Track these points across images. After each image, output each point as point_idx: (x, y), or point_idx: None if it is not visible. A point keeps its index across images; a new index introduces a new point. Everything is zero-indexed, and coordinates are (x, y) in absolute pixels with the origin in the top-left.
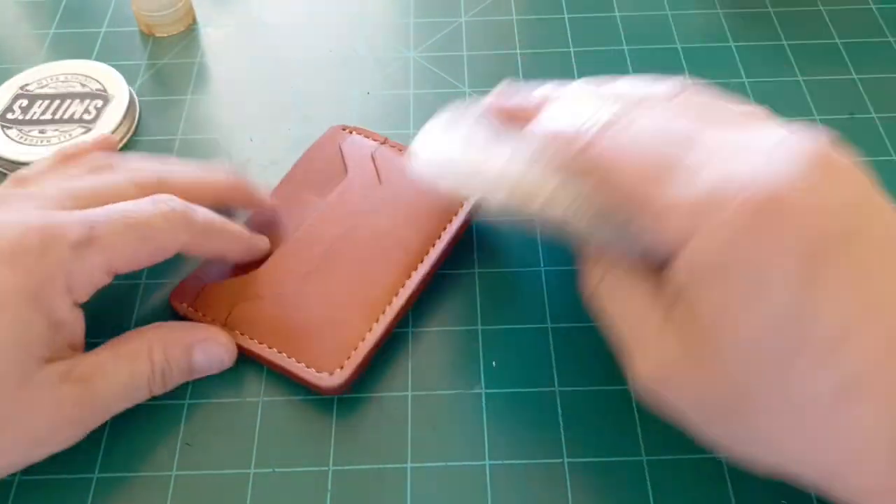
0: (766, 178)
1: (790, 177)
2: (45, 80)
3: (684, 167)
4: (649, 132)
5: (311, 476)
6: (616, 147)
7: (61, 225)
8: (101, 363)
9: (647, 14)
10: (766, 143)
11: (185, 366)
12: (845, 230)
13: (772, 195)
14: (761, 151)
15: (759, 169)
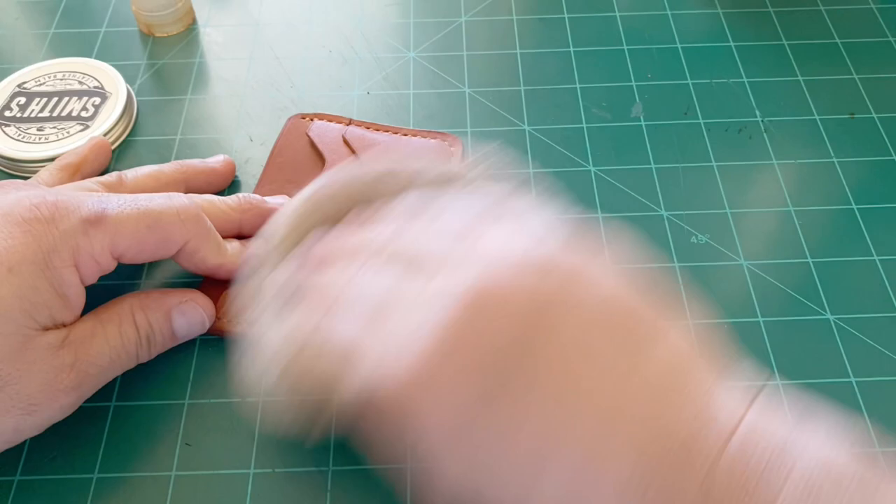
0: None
1: (433, 347)
2: (42, 78)
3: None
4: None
5: (311, 476)
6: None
7: (75, 201)
8: (91, 328)
9: (647, 14)
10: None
11: (167, 329)
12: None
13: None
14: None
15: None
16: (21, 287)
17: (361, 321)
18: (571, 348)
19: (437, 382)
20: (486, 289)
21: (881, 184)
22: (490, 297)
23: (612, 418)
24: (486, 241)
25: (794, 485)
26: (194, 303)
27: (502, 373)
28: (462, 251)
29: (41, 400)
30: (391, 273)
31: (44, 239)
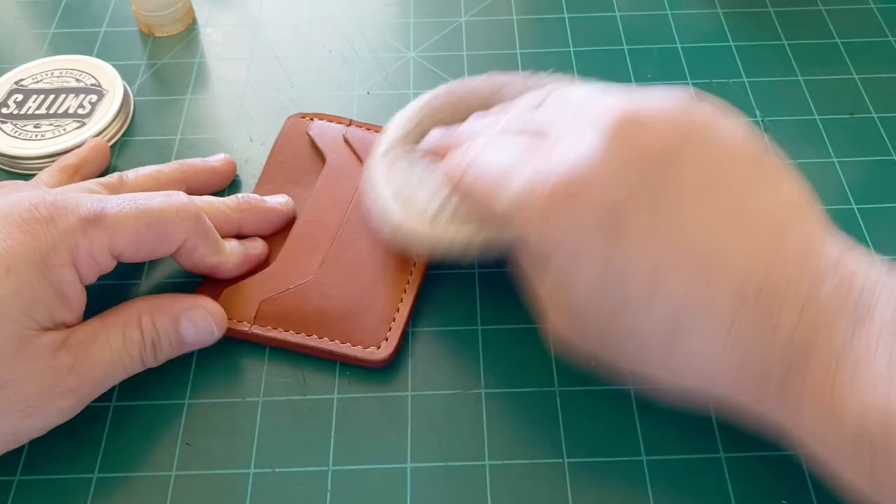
0: (563, 165)
1: (584, 157)
2: (39, 76)
3: (515, 175)
4: (492, 159)
5: (311, 476)
6: (472, 176)
7: (74, 201)
8: (93, 331)
9: (647, 14)
10: (583, 131)
11: (175, 335)
12: (633, 190)
13: (565, 180)
14: (575, 140)
15: (562, 158)
16: (20, 286)
17: (505, 159)
18: (704, 178)
19: (578, 198)
20: (632, 115)
21: (881, 184)
22: (635, 123)
23: (726, 245)
24: (622, 95)
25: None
26: (203, 309)
27: (636, 192)
28: (601, 104)
29: (39, 402)
30: (529, 134)
31: (42, 238)
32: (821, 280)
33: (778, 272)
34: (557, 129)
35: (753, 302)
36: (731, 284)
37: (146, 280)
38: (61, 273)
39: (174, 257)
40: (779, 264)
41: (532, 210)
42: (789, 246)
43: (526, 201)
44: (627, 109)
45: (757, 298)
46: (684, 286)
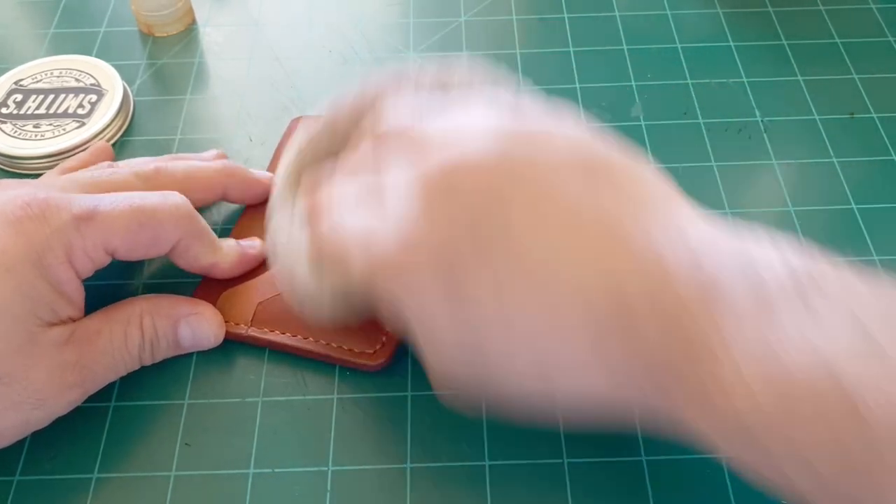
0: (392, 232)
1: (407, 223)
2: (39, 76)
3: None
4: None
5: (311, 476)
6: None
7: (66, 199)
8: (97, 326)
9: (647, 14)
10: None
11: (172, 338)
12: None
13: (395, 250)
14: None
15: (389, 225)
16: (20, 285)
17: (345, 217)
18: (534, 206)
19: (411, 262)
20: (447, 168)
21: (881, 184)
22: (451, 174)
23: (566, 268)
24: (451, 120)
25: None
26: (202, 316)
27: (467, 244)
28: (430, 136)
29: (48, 395)
30: (368, 176)
31: (36, 237)
32: (675, 274)
33: (628, 280)
34: (389, 175)
35: (608, 316)
36: (579, 305)
37: (146, 280)
38: (58, 271)
39: (169, 256)
40: (627, 271)
41: (372, 276)
42: (636, 247)
43: (364, 268)
44: (446, 158)
45: (611, 311)
46: (534, 319)
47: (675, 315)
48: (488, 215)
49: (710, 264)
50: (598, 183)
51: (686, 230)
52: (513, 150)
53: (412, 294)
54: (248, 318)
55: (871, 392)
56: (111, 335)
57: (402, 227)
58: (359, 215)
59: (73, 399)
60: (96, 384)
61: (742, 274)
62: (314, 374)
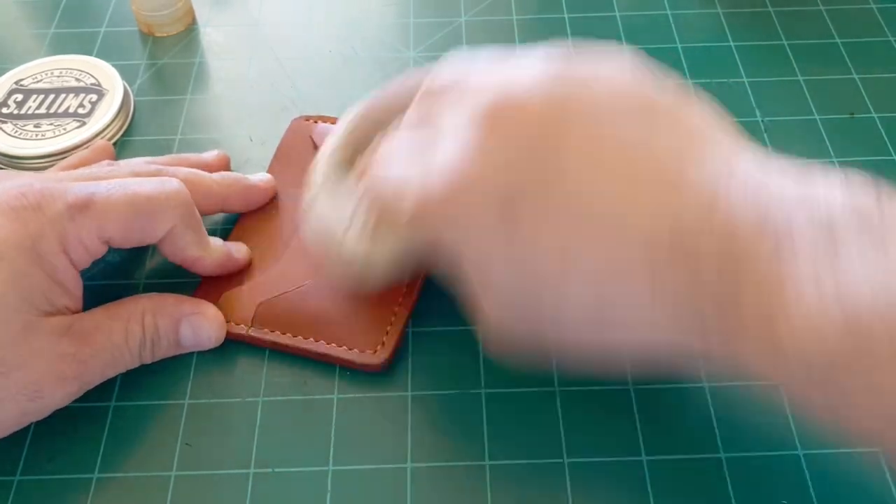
0: (448, 165)
1: (464, 153)
2: (39, 76)
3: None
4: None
5: (311, 476)
6: (375, 192)
7: (61, 188)
8: (98, 321)
9: (647, 14)
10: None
11: (173, 337)
12: (519, 175)
13: (451, 181)
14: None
15: (445, 157)
16: (14, 274)
17: (402, 165)
18: (590, 142)
19: (468, 197)
20: (503, 98)
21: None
22: (508, 106)
23: (624, 205)
24: (501, 70)
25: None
26: (204, 316)
27: (523, 177)
28: (480, 82)
29: (45, 386)
30: (422, 128)
31: (31, 226)
32: (733, 210)
33: (685, 216)
34: (442, 121)
35: (667, 254)
36: (638, 244)
37: (147, 279)
38: (53, 260)
39: (158, 245)
40: (684, 207)
41: (429, 217)
42: (692, 184)
43: (421, 209)
44: (498, 93)
45: (670, 250)
46: (593, 258)
47: (734, 252)
48: (544, 150)
49: (770, 198)
50: (650, 120)
51: (743, 166)
52: (564, 88)
53: (467, 233)
54: (248, 318)
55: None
56: (111, 331)
57: (456, 163)
58: (413, 162)
59: (70, 392)
60: (94, 379)
61: (804, 208)
62: (314, 374)
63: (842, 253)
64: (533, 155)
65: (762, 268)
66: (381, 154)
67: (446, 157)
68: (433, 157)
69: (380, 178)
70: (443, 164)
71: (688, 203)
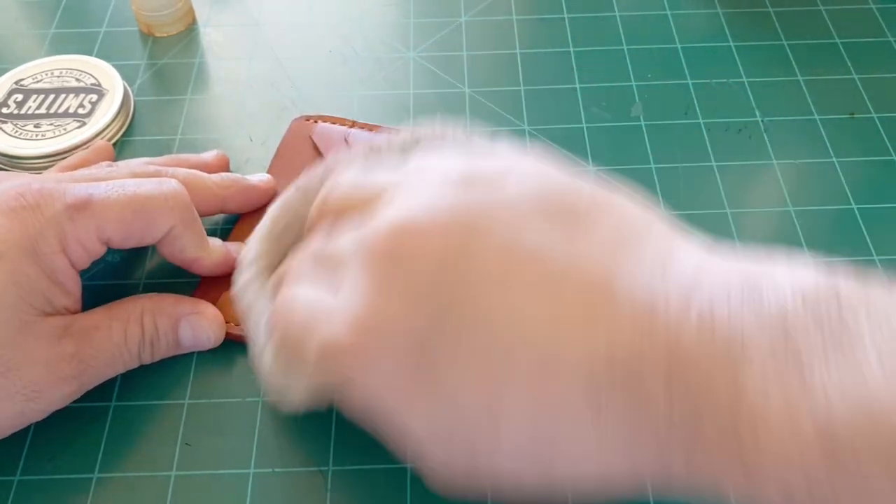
0: (350, 312)
1: (363, 300)
2: (39, 76)
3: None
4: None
5: (310, 476)
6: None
7: (60, 189)
8: (97, 321)
9: (647, 14)
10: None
11: (172, 337)
12: (426, 317)
13: (355, 331)
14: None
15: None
16: (13, 273)
17: (308, 294)
18: (500, 264)
19: (376, 344)
20: (398, 237)
21: (881, 184)
22: (403, 244)
23: (552, 336)
24: (401, 171)
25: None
26: (203, 316)
27: (432, 317)
28: (376, 190)
29: (43, 387)
30: (325, 254)
31: (30, 226)
32: (675, 322)
33: (621, 336)
34: (342, 252)
35: (607, 381)
36: (572, 374)
37: (147, 279)
38: (52, 260)
39: (157, 246)
40: (619, 325)
41: (337, 362)
42: (625, 295)
43: (328, 353)
44: (394, 226)
45: (609, 376)
46: (523, 398)
47: (682, 372)
48: (451, 284)
49: (714, 303)
50: (569, 225)
51: (680, 264)
52: (466, 199)
53: (379, 382)
54: None
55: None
56: (111, 331)
57: (353, 305)
58: (312, 286)
59: (69, 392)
60: (93, 379)
61: (752, 314)
62: None
63: (805, 359)
64: (439, 290)
65: (718, 387)
66: (287, 279)
67: (347, 303)
68: (332, 284)
69: (285, 309)
70: (345, 311)
71: (622, 318)
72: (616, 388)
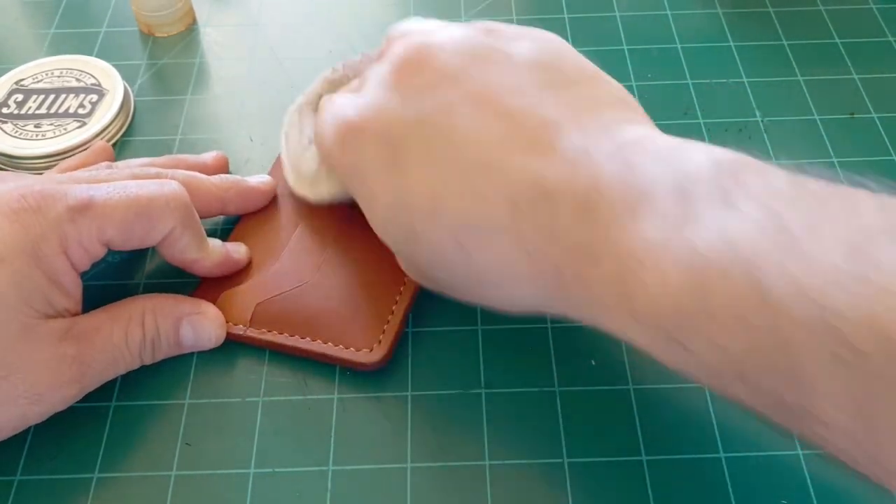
0: (358, 104)
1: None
2: (40, 76)
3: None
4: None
5: (311, 476)
6: (319, 127)
7: (61, 191)
8: (98, 323)
9: (647, 14)
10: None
11: (174, 338)
12: (412, 121)
13: (353, 117)
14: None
15: (360, 99)
16: (14, 275)
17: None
18: (482, 93)
19: (370, 126)
20: (416, 48)
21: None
22: (419, 55)
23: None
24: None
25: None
26: (205, 316)
27: (413, 123)
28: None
29: (45, 389)
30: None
31: (32, 228)
32: (599, 168)
33: (551, 171)
34: (368, 79)
35: (528, 208)
36: (503, 194)
37: (147, 280)
38: (54, 262)
39: (157, 247)
40: (552, 164)
41: (331, 147)
42: (564, 145)
43: (328, 140)
44: (407, 50)
45: (532, 204)
46: (460, 203)
47: (590, 206)
48: (440, 101)
49: (637, 161)
50: (552, 81)
51: (621, 131)
52: (483, 40)
53: (357, 164)
54: (246, 318)
55: (780, 278)
56: (112, 332)
57: (367, 95)
58: (344, 96)
59: (70, 395)
60: (94, 381)
61: (667, 171)
62: (314, 374)
63: (695, 211)
64: (430, 99)
65: (617, 224)
66: (327, 99)
67: (364, 95)
68: (357, 93)
69: (327, 105)
70: (361, 99)
71: (557, 160)
72: (534, 210)
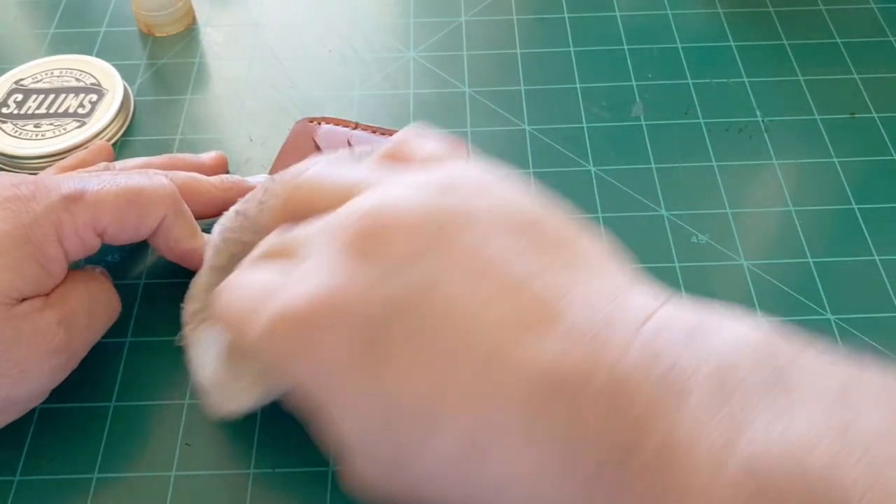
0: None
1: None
2: (39, 75)
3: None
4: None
5: (311, 476)
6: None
7: (55, 182)
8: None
9: (647, 14)
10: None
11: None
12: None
13: (307, 307)
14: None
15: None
16: (6, 260)
17: (254, 286)
18: (471, 266)
19: (328, 321)
20: (373, 220)
21: (881, 184)
22: (378, 228)
23: (506, 340)
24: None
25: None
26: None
27: (393, 301)
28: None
29: (30, 365)
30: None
31: (24, 215)
32: (623, 356)
33: (564, 355)
34: (306, 248)
35: (545, 399)
36: (515, 386)
37: (147, 280)
38: (45, 248)
39: (151, 240)
40: (563, 347)
41: (279, 344)
42: (575, 318)
43: (274, 329)
44: (368, 213)
45: (548, 395)
46: (465, 408)
47: (623, 405)
48: (414, 276)
49: (666, 343)
50: (533, 246)
51: (629, 302)
52: (443, 201)
53: (321, 361)
54: None
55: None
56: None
57: (314, 278)
58: (262, 270)
59: (56, 365)
60: (82, 343)
61: (698, 354)
62: None
63: (743, 408)
64: (403, 279)
65: (655, 424)
66: (232, 277)
67: (308, 277)
68: (286, 268)
69: (231, 288)
70: (304, 284)
71: (568, 335)
72: (552, 402)
